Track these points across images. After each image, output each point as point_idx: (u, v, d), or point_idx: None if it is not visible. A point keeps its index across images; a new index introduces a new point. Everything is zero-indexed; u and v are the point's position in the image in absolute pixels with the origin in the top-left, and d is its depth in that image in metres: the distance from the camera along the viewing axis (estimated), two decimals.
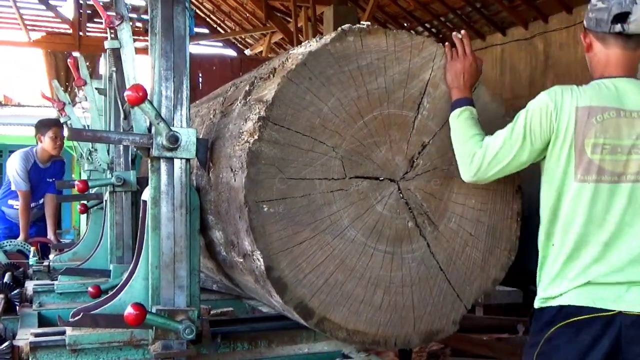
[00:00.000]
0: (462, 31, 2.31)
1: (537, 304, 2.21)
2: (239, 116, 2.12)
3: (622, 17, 2.23)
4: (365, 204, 2.03)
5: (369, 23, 2.07)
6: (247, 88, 2.21)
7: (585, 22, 2.33)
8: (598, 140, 2.13)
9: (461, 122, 2.13)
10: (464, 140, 2.14)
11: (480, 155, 2.11)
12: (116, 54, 2.43)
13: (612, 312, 2.08)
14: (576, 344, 2.09)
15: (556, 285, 2.16)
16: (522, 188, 2.27)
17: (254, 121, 1.93)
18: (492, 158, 2.10)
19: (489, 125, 2.17)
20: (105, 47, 2.46)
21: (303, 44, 2.18)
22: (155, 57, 2.21)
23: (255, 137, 1.90)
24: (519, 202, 2.25)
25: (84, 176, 5.65)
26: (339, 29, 2.03)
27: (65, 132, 3.35)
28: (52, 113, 15.48)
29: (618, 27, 2.23)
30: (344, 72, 1.99)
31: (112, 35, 2.37)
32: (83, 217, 18.19)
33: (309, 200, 1.96)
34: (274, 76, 2.06)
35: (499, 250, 2.23)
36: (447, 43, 2.22)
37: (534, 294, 2.70)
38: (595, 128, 2.12)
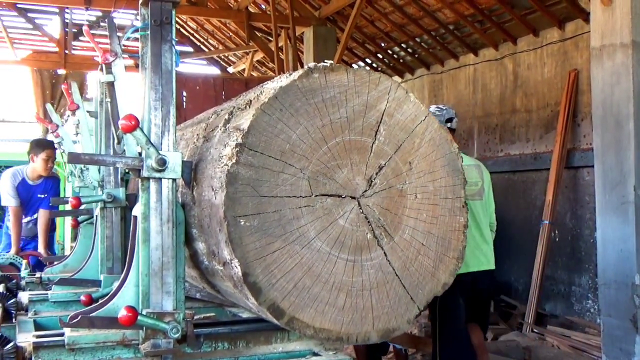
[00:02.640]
0: None
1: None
2: (219, 142, 2.42)
3: (450, 119, 4.74)
4: (329, 218, 2.32)
5: (332, 62, 2.37)
6: (226, 117, 2.51)
7: None
8: None
9: None
10: None
11: None
12: (110, 86, 2.72)
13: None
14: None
15: None
16: (467, 204, 2.58)
17: (232, 147, 2.23)
18: None
19: (437, 148, 2.49)
20: (101, 80, 2.75)
21: (275, 79, 2.49)
22: (146, 89, 2.50)
23: (233, 160, 2.20)
24: (465, 216, 2.56)
25: (69, 192, 5.95)
26: (306, 66, 2.34)
27: (66, 156, 3.64)
28: (37, 130, 15.68)
29: (448, 124, 4.65)
30: (311, 104, 2.30)
31: (108, 70, 2.67)
32: (68, 232, 18.32)
33: (280, 215, 2.25)
34: (249, 107, 2.36)
35: (447, 258, 2.53)
36: None
37: (505, 303, 4.47)
38: None
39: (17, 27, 14.72)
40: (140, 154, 2.47)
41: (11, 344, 2.62)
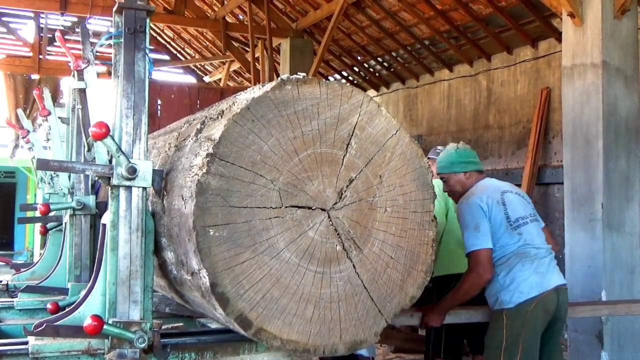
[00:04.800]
0: None
1: None
2: (190, 151, 2.42)
3: None
4: (299, 230, 2.33)
5: (304, 74, 2.39)
6: (198, 126, 2.51)
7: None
8: None
9: None
10: None
11: None
12: (82, 93, 2.71)
13: None
14: None
15: None
16: (436, 218, 2.60)
17: (203, 156, 2.23)
18: None
19: (408, 162, 2.52)
20: (73, 87, 2.73)
21: (247, 90, 2.49)
22: (118, 97, 2.49)
23: (204, 170, 2.20)
24: (433, 230, 2.58)
25: (40, 198, 5.86)
26: (279, 78, 2.35)
27: (35, 162, 3.60)
28: (8, 135, 15.43)
29: None
30: (283, 116, 2.31)
31: (80, 77, 2.65)
32: (37, 238, 18.06)
33: (250, 225, 2.25)
34: (221, 117, 2.37)
35: (416, 271, 2.55)
36: None
37: None
38: None
39: None
40: (110, 161, 2.46)
41: None
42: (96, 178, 3.64)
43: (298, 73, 2.40)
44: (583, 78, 5.45)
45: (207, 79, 17.08)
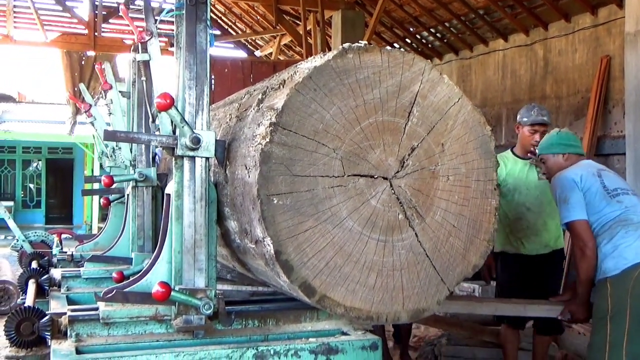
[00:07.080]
0: None
1: None
2: (252, 121, 2.44)
3: None
4: (361, 199, 2.33)
5: (366, 42, 2.37)
6: (260, 96, 2.53)
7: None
8: None
9: None
10: None
11: None
12: (146, 65, 2.75)
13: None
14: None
15: None
16: (499, 186, 2.57)
17: (266, 126, 2.25)
18: None
19: (470, 130, 2.49)
20: (137, 59, 2.78)
21: (309, 59, 2.49)
22: (180, 68, 2.52)
23: (267, 139, 2.21)
24: (496, 199, 2.55)
25: (97, 173, 6.00)
26: (340, 47, 2.34)
27: (100, 134, 3.67)
28: (64, 110, 15.79)
29: None
30: (344, 85, 2.30)
31: (143, 49, 2.69)
32: (95, 212, 18.51)
33: (313, 194, 2.27)
34: (283, 87, 2.38)
35: (478, 240, 2.53)
36: None
37: None
38: None
39: (48, 9, 14.85)
40: (174, 132, 2.50)
41: (47, 317, 2.68)
42: (156, 151, 3.72)
43: (359, 41, 2.39)
44: None
45: (258, 53, 17.12)
